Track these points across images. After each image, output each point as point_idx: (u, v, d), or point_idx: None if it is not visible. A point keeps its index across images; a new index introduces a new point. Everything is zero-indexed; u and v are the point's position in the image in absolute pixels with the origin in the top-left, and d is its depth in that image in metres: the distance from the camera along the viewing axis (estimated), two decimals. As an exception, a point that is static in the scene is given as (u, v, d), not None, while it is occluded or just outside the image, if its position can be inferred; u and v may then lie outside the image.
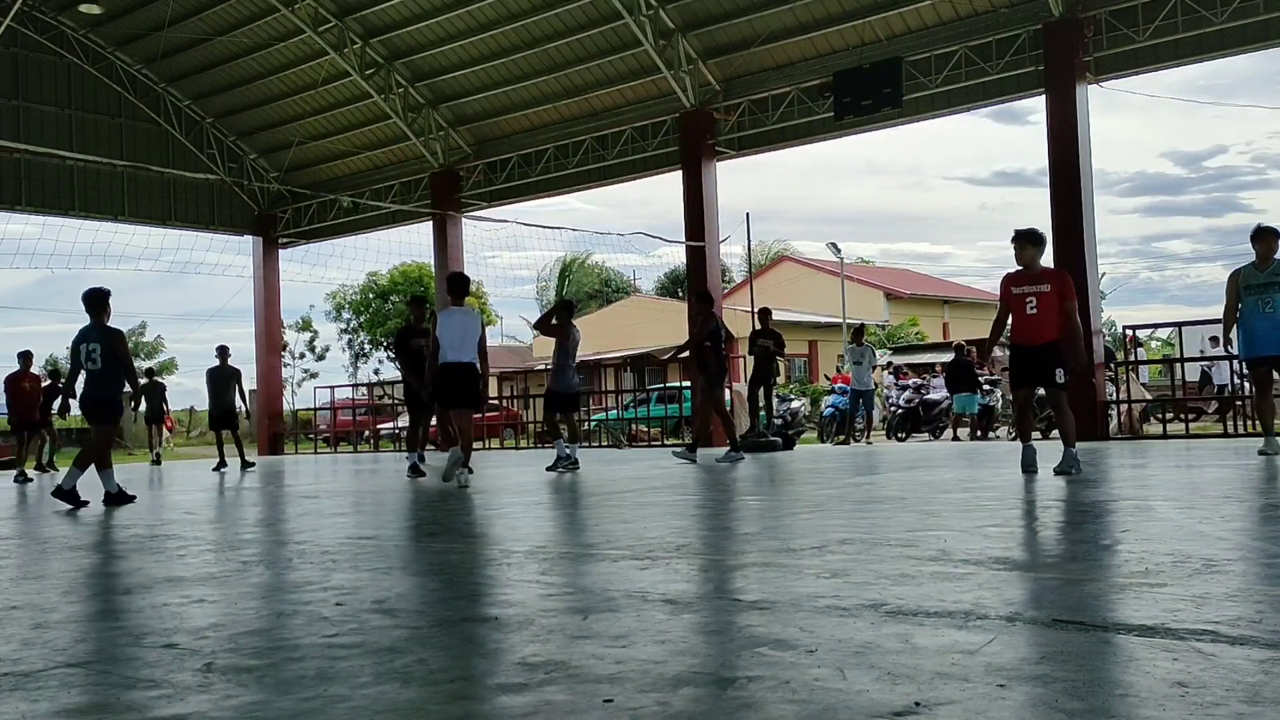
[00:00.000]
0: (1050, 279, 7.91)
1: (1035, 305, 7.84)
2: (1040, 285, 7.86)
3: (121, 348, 8.74)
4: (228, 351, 15.49)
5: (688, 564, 4.21)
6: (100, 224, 21.47)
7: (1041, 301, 7.81)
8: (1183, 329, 17.85)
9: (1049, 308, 7.80)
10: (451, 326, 9.51)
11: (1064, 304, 7.81)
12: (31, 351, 16.26)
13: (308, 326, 43.43)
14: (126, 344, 8.96)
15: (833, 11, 17.38)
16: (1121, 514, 5.37)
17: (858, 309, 37.25)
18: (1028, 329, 7.95)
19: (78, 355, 8.71)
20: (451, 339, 9.45)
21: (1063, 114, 15.35)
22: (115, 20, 21.99)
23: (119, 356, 8.67)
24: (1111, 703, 2.08)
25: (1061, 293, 7.81)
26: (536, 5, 19.13)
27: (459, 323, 9.56)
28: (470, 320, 9.68)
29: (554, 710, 2.18)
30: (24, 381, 15.99)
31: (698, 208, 19.10)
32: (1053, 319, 7.82)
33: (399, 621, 3.23)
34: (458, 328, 9.50)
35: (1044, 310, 7.82)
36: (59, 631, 3.25)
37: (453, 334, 9.47)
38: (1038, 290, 7.84)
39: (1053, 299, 7.80)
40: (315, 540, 5.68)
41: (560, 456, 11.40)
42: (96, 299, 8.73)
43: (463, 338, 9.47)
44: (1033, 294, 7.85)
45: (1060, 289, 7.83)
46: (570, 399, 12.24)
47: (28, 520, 8.20)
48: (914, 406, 19.96)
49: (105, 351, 8.58)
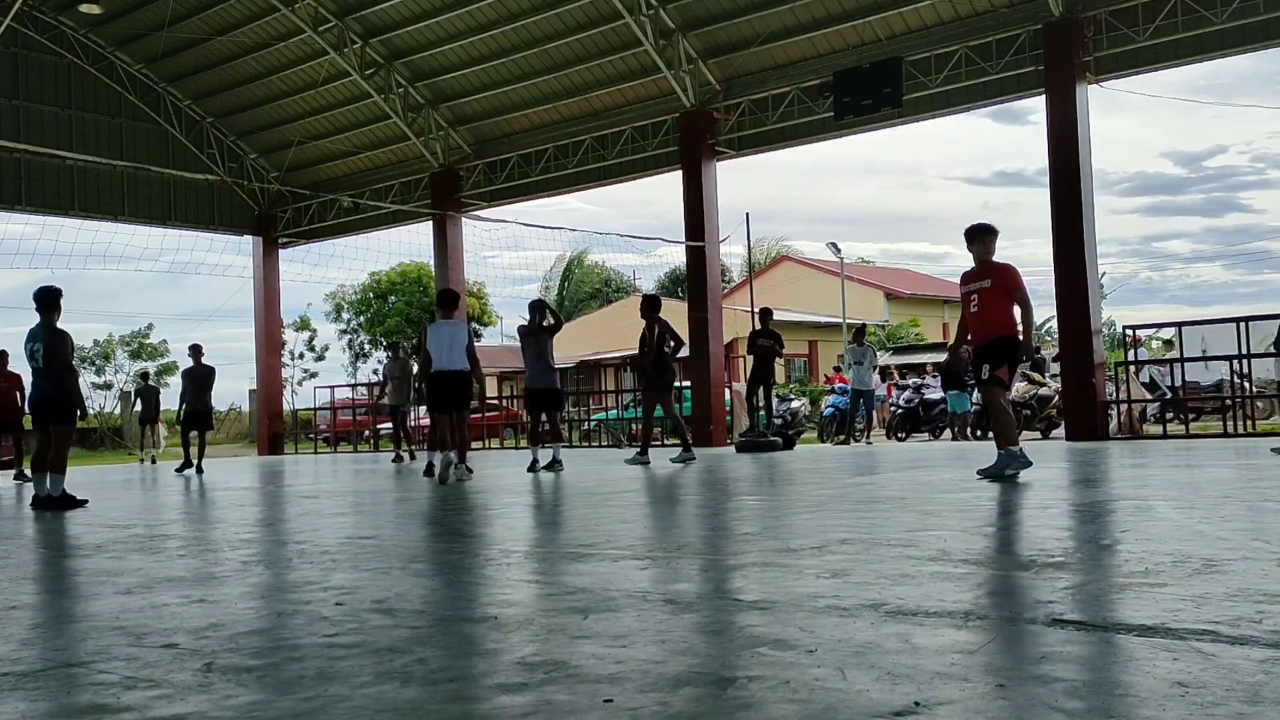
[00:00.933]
0: (990, 274, 7.83)
1: (977, 303, 7.84)
2: (981, 282, 7.83)
3: (61, 349, 8.57)
4: (201, 350, 15.37)
5: (688, 564, 4.21)
6: (100, 224, 21.45)
7: (982, 298, 7.80)
8: (1182, 329, 17.84)
9: (989, 304, 7.77)
10: (440, 338, 10.28)
11: (1009, 296, 7.75)
12: (6, 350, 15.24)
13: (306, 326, 43.38)
14: (68, 346, 8.76)
15: (833, 11, 17.38)
16: (1121, 514, 5.37)
17: (858, 309, 37.25)
18: (972, 327, 7.98)
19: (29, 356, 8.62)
20: (440, 349, 10.23)
21: (1063, 114, 15.35)
22: (115, 20, 22.00)
23: (58, 358, 8.52)
24: (1111, 703, 2.08)
25: (1003, 286, 7.76)
26: (536, 5, 19.14)
27: (446, 334, 10.31)
28: (457, 331, 10.45)
29: (554, 710, 2.18)
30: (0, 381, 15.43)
31: (698, 208, 19.10)
32: (994, 314, 7.78)
33: (399, 621, 3.23)
34: (445, 339, 10.27)
35: (984, 307, 7.79)
36: (59, 631, 3.25)
37: (441, 345, 10.25)
38: (979, 287, 7.83)
39: (992, 294, 7.75)
40: (315, 540, 5.68)
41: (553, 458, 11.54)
42: (46, 298, 8.65)
43: (450, 347, 10.24)
44: (975, 291, 7.85)
45: (1000, 282, 7.76)
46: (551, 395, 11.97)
47: (27, 521, 8.20)
48: (914, 406, 19.96)
49: (46, 352, 8.48)
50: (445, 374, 10.26)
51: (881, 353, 28.00)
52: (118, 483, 14.01)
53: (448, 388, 10.32)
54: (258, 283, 25.83)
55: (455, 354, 10.27)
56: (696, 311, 19.19)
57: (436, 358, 10.26)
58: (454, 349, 10.27)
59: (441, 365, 10.25)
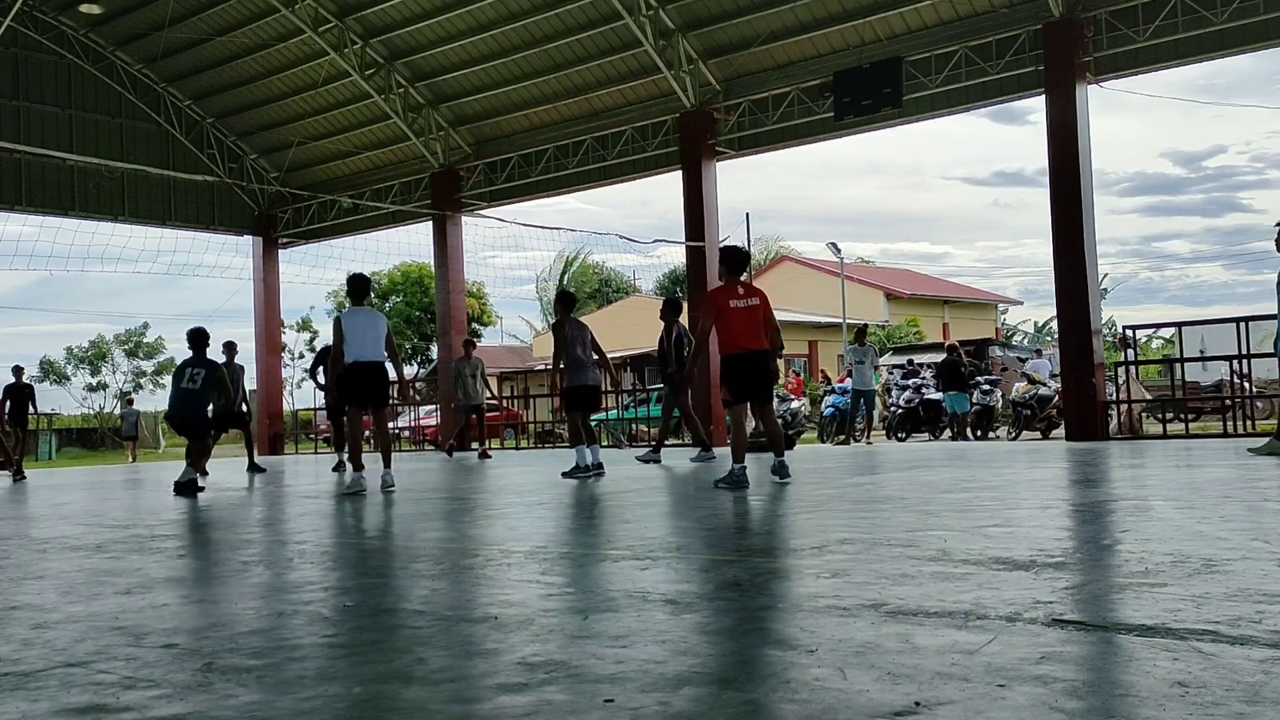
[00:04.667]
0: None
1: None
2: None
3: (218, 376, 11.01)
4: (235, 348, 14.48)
5: (688, 564, 4.21)
6: (100, 224, 21.44)
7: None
8: (1183, 329, 17.84)
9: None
10: (356, 326, 9.32)
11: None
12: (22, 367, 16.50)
13: (307, 326, 43.43)
14: (220, 374, 11.21)
15: (833, 11, 17.38)
16: (1121, 514, 5.37)
17: (858, 309, 37.24)
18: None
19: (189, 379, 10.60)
20: (357, 338, 9.26)
21: (1063, 114, 15.35)
22: (115, 20, 21.99)
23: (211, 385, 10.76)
24: (1111, 703, 2.08)
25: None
26: (536, 5, 19.14)
27: (363, 322, 9.38)
28: (374, 319, 9.54)
29: (554, 710, 2.18)
30: None
31: (697, 208, 19.10)
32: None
33: (399, 621, 3.23)
34: (361, 327, 9.32)
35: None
36: (59, 631, 3.25)
37: (357, 333, 9.28)
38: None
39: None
40: (315, 540, 5.68)
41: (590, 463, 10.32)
42: (198, 337, 10.83)
43: (366, 336, 9.31)
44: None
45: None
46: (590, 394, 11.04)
47: (27, 520, 8.20)
48: (914, 406, 19.96)
49: (206, 381, 10.58)
50: (364, 365, 9.27)
51: (883, 353, 27.99)
52: (118, 483, 14.01)
53: (368, 379, 9.32)
54: (257, 283, 25.82)
55: (372, 343, 9.33)
56: (696, 311, 19.18)
57: (354, 348, 9.26)
58: (371, 338, 9.33)
59: (360, 356, 9.25)
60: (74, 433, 42.67)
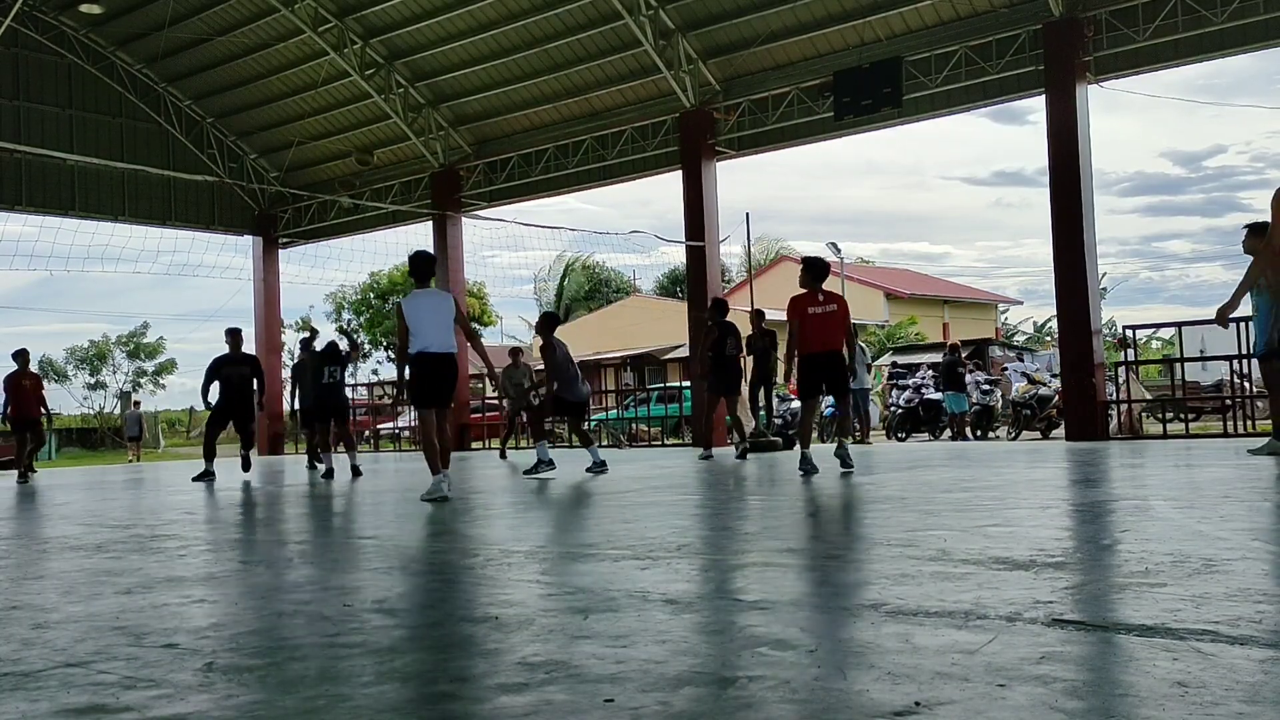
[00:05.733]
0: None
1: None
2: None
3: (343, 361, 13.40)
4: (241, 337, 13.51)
5: (688, 564, 4.21)
6: (100, 224, 21.44)
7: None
8: (1182, 329, 17.84)
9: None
10: (421, 312, 7.98)
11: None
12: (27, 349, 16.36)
13: (306, 327, 43.44)
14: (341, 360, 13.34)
15: (833, 11, 17.39)
16: (1121, 514, 5.37)
17: (858, 309, 36.89)
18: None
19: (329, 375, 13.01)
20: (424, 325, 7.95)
21: (1063, 114, 15.35)
22: (116, 20, 21.99)
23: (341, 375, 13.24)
24: (1111, 703, 2.08)
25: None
26: (536, 5, 19.14)
27: (429, 305, 8.05)
28: (444, 302, 8.22)
29: (554, 710, 2.18)
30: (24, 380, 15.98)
31: (697, 208, 19.10)
32: None
33: (399, 621, 3.23)
34: (429, 311, 8.00)
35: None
36: (59, 631, 3.25)
37: (423, 320, 7.96)
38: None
39: None
40: (315, 540, 5.68)
41: (541, 460, 10.56)
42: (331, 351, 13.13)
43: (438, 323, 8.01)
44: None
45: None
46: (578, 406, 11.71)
47: (28, 520, 8.21)
48: (914, 406, 19.96)
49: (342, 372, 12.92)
50: (432, 356, 7.93)
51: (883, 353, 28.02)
52: (119, 482, 14.01)
53: (438, 374, 8.00)
54: (257, 283, 25.82)
55: (443, 331, 7.95)
56: (696, 311, 19.19)
57: (420, 337, 7.92)
58: (442, 325, 7.97)
59: (427, 346, 7.90)
60: (74, 433, 42.67)
